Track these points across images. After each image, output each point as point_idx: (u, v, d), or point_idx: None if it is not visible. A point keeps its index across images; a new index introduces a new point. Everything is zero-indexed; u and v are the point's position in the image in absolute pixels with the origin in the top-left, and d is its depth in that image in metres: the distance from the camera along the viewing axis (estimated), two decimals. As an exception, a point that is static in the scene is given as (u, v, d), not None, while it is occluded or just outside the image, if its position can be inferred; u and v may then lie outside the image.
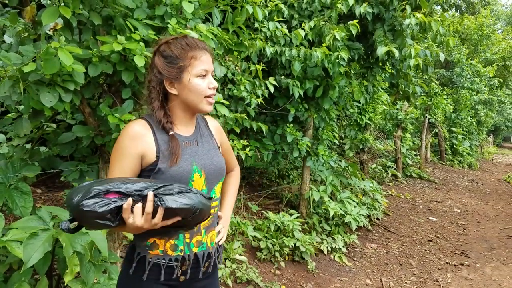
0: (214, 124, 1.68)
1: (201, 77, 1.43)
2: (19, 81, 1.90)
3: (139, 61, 2.02)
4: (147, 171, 1.41)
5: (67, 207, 1.20)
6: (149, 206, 1.22)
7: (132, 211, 1.22)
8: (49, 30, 2.35)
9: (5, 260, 2.29)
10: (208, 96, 1.45)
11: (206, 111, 1.48)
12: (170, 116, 1.47)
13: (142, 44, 2.07)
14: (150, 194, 1.22)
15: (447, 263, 4.86)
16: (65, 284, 2.25)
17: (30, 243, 1.95)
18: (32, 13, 2.08)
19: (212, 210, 1.49)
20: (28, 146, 2.72)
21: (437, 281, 4.33)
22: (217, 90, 3.77)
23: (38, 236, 1.99)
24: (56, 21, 1.99)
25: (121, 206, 1.20)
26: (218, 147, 1.62)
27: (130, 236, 2.32)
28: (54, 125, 2.75)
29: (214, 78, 1.59)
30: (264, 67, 3.94)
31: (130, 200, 1.21)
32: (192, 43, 1.44)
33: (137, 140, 1.39)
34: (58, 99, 1.94)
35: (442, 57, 4.74)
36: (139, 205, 1.22)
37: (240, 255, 3.81)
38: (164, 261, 1.43)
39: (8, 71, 1.90)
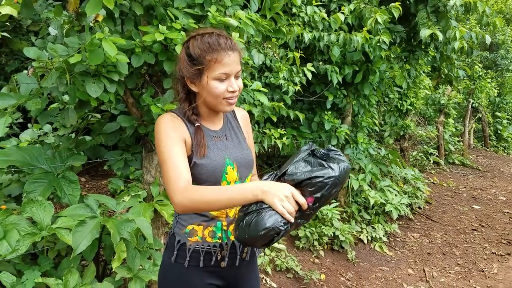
0: (241, 115, 1.66)
1: (220, 81, 1.39)
2: (65, 73, 1.94)
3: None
4: None
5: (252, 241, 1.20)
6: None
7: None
8: (91, 22, 2.39)
9: (53, 247, 2.38)
10: (227, 98, 1.41)
11: (225, 111, 1.47)
12: (196, 108, 1.46)
13: (183, 33, 2.06)
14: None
15: (493, 252, 4.68)
16: (112, 270, 2.31)
17: (79, 230, 2.01)
18: (75, 5, 2.10)
19: None
20: (73, 135, 2.80)
21: (483, 271, 4.19)
22: (254, 78, 3.75)
23: (86, 224, 2.05)
24: (98, 12, 2.01)
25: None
26: (245, 139, 1.61)
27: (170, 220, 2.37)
28: (99, 115, 2.81)
29: (252, 65, 1.56)
30: (302, 54, 3.87)
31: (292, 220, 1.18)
32: (214, 44, 1.38)
33: (176, 127, 1.41)
34: (103, 89, 1.96)
35: (488, 39, 4.51)
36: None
37: (278, 243, 3.81)
38: (203, 247, 1.45)
39: (55, 62, 1.94)
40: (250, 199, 1.19)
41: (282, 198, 1.15)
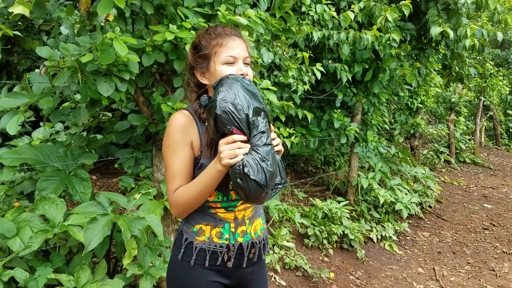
0: None
1: (228, 64, 1.40)
2: (77, 72, 1.97)
3: (191, 49, 2.02)
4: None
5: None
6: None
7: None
8: (102, 21, 2.41)
9: (65, 243, 2.41)
10: None
11: None
12: None
13: (193, 32, 2.08)
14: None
15: (504, 252, 4.64)
16: (122, 267, 2.33)
17: (90, 227, 2.03)
18: (87, 4, 2.12)
19: None
20: (84, 134, 2.83)
21: (494, 270, 4.15)
22: (263, 77, 3.74)
23: (97, 221, 2.07)
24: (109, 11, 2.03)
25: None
26: None
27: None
28: (110, 114, 2.83)
29: (261, 64, 1.56)
30: (311, 53, 3.86)
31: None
32: (219, 31, 1.43)
33: (186, 130, 1.41)
34: (114, 88, 1.98)
35: (500, 36, 4.46)
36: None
37: (288, 241, 3.81)
38: (209, 246, 1.46)
39: (67, 61, 1.97)
40: (220, 176, 1.33)
41: (223, 155, 1.27)
